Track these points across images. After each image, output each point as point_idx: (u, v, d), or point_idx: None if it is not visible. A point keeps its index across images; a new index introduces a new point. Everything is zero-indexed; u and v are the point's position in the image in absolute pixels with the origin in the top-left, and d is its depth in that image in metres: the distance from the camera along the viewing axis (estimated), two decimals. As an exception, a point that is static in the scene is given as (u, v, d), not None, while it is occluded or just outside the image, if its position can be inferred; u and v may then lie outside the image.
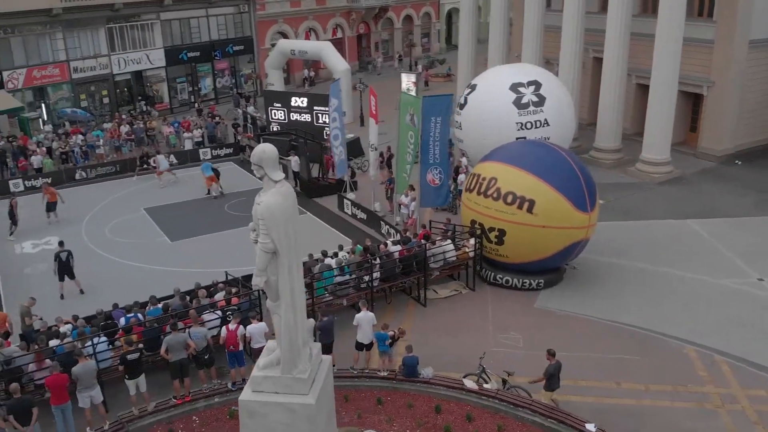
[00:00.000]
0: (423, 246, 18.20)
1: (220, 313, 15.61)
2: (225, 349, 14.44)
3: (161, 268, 21.15)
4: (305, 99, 32.90)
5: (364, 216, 23.99)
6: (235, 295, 16.19)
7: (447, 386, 14.03)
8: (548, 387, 13.36)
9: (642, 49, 27.74)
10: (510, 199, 17.91)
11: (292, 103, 32.78)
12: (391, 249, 18.49)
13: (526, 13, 30.97)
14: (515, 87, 24.20)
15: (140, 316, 15.70)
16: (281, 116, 33.06)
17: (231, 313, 15.29)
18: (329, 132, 27.90)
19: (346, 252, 18.79)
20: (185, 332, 14.19)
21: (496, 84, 24.91)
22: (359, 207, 24.43)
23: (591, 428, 12.44)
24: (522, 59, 31.60)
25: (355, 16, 51.28)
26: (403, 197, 22.48)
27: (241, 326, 14.33)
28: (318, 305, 16.69)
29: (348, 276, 17.45)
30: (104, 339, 14.52)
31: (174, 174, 29.70)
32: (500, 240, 18.36)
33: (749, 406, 13.87)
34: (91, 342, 14.16)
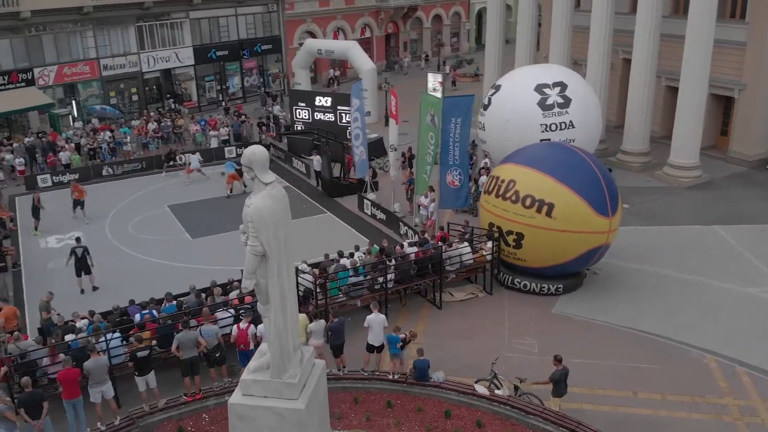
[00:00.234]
0: (438, 248, 18.02)
1: (234, 312, 15.64)
2: (236, 348, 14.47)
3: (181, 265, 21.30)
4: (329, 98, 32.88)
5: (384, 216, 23.89)
6: (249, 294, 16.18)
7: (458, 391, 13.83)
8: (555, 393, 13.15)
9: (672, 51, 27.14)
10: (529, 203, 17.62)
11: (317, 103, 32.77)
12: (408, 250, 18.35)
13: (554, 13, 30.52)
14: (540, 88, 23.80)
15: (155, 313, 15.82)
16: (305, 115, 33.08)
17: (244, 312, 15.31)
18: (351, 131, 27.86)
19: (362, 252, 18.71)
20: (197, 330, 14.24)
21: (521, 84, 24.53)
22: (379, 207, 24.33)
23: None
24: (549, 60, 31.17)
25: (384, 16, 51.23)
26: (423, 198, 22.32)
27: (252, 325, 14.33)
28: (331, 306, 16.64)
29: (362, 277, 17.36)
30: (117, 335, 14.63)
31: (204, 174, 29.89)
32: (518, 243, 18.07)
33: (769, 419, 13.45)
34: (105, 337, 14.30)
